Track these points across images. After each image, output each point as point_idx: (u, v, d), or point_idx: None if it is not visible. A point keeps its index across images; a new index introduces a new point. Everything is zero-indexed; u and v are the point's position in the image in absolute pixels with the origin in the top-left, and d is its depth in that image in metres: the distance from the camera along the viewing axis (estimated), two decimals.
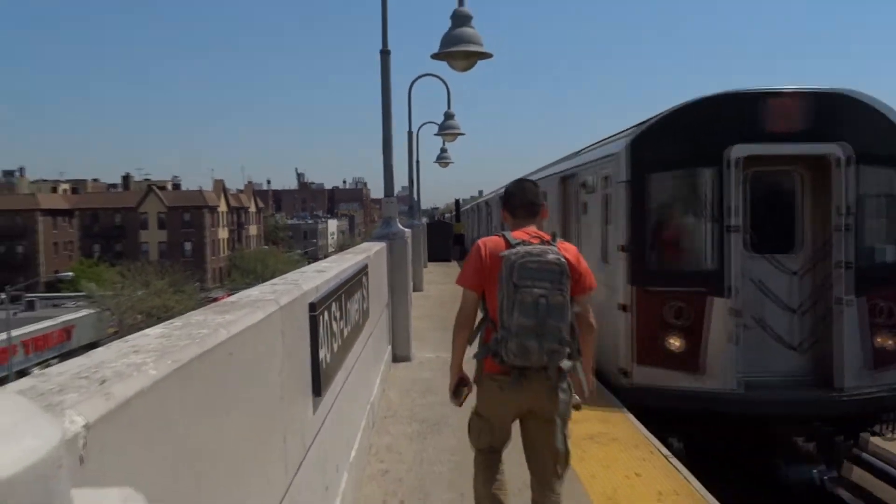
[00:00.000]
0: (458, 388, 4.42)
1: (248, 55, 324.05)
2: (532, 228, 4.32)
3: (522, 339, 3.95)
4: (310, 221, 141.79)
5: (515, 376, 4.06)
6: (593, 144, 12.54)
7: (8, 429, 0.74)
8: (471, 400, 4.42)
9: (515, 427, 4.44)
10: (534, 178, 16.92)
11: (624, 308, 8.92)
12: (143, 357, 1.89)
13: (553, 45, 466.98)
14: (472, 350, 4.37)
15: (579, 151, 13.64)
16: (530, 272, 3.97)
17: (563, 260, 4.02)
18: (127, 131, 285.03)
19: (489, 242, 4.31)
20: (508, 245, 4.12)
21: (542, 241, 4.18)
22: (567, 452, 4.25)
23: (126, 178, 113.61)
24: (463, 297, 4.34)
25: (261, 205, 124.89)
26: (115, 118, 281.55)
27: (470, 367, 4.42)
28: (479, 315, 4.34)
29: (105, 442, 1.46)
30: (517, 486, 4.96)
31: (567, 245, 4.32)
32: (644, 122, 9.51)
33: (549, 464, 4.23)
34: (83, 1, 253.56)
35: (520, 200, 4.47)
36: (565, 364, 4.08)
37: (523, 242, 4.13)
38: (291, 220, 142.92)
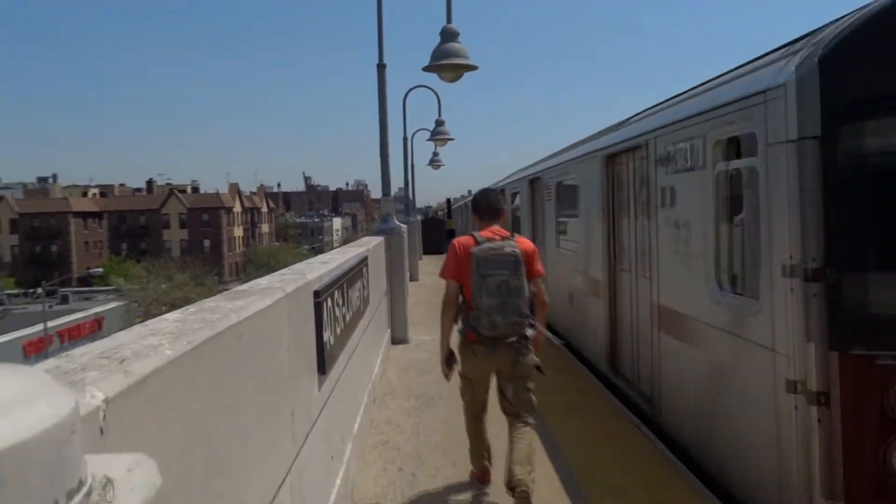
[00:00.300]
0: (449, 360, 4.96)
1: (259, 67, 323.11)
2: (496, 227, 4.89)
3: (491, 316, 4.52)
4: (316, 220, 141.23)
5: (490, 346, 4.64)
6: (662, 104, 7.03)
7: (24, 398, 0.73)
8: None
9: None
10: (555, 160, 11.82)
11: (815, 398, 3.94)
12: (159, 339, 1.88)
13: (535, 54, 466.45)
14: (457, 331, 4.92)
15: (627, 120, 8.18)
16: (493, 263, 4.56)
17: (517, 251, 4.60)
18: (149, 140, 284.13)
19: (462, 241, 4.84)
20: (477, 243, 4.68)
21: (503, 238, 4.73)
22: (532, 401, 4.76)
23: (149, 182, 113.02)
24: (446, 286, 4.88)
25: (272, 205, 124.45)
26: (139, 128, 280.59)
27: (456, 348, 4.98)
28: (459, 300, 4.84)
29: (124, 415, 1.45)
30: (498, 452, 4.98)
31: (522, 239, 4.84)
32: (826, 28, 4.30)
33: (517, 407, 4.71)
34: (110, 18, 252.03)
35: (485, 207, 5.02)
36: (528, 332, 4.68)
37: (488, 240, 4.69)
38: (300, 219, 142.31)
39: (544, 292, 4.90)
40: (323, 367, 3.92)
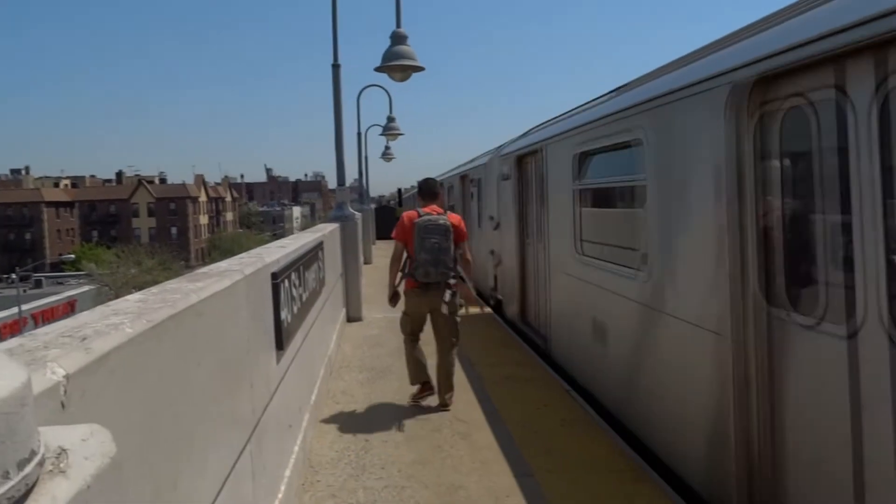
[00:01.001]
0: (393, 297, 6.18)
1: (224, 63, 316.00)
2: (434, 206, 6.11)
3: (426, 268, 5.82)
4: (277, 208, 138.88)
5: (423, 289, 5.92)
6: None
7: None
8: (401, 306, 6.22)
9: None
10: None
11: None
12: (121, 318, 1.82)
13: (476, 59, 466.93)
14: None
15: None
16: (429, 230, 5.84)
17: (447, 223, 5.89)
18: (119, 133, 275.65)
19: (409, 214, 6.07)
20: (420, 215, 5.95)
21: (438, 213, 5.99)
22: (457, 333, 6.12)
23: (119, 174, 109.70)
24: (394, 245, 6.11)
25: (235, 195, 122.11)
26: (109, 122, 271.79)
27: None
28: (404, 256, 6.07)
29: (85, 389, 1.41)
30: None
31: (453, 215, 6.08)
32: None
33: (447, 340, 6.08)
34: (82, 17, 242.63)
35: (427, 190, 6.23)
36: (451, 281, 5.89)
37: (427, 214, 5.96)
38: (262, 208, 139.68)
39: (468, 252, 6.17)
40: (281, 343, 3.87)
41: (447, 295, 5.86)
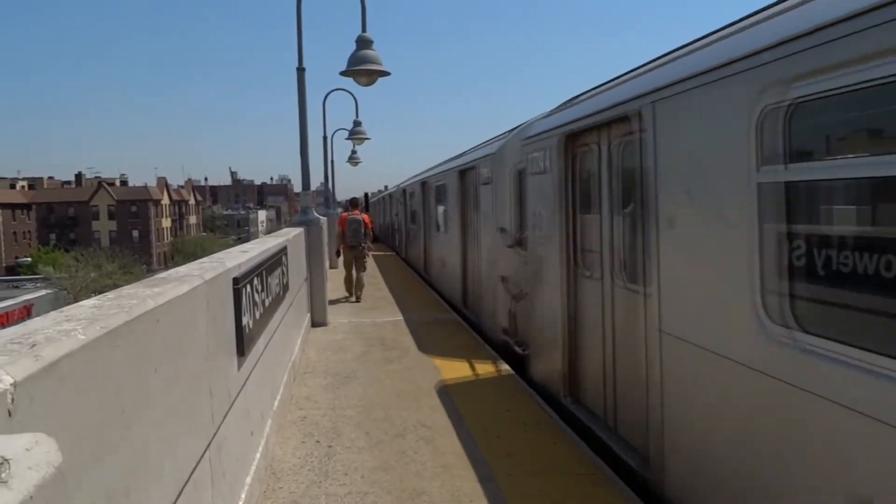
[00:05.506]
0: (337, 253, 13.56)
1: (187, 65, 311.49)
2: (356, 211, 13.36)
3: (351, 238, 13.03)
4: (242, 212, 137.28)
5: (351, 248, 13.07)
6: None
7: None
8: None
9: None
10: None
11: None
12: (74, 324, 1.79)
13: (441, 66, 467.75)
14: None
15: None
16: (353, 224, 13.10)
17: (360, 219, 13.14)
18: (79, 135, 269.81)
19: (344, 215, 13.36)
20: (348, 215, 13.20)
21: (357, 214, 13.23)
22: (365, 266, 13.27)
23: (78, 175, 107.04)
24: (339, 229, 13.36)
25: (199, 198, 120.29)
26: (69, 121, 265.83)
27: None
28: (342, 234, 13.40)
29: (34, 397, 1.38)
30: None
31: (364, 215, 13.30)
32: None
33: (360, 270, 13.17)
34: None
35: (353, 203, 13.67)
36: (364, 245, 13.10)
37: (353, 214, 13.19)
38: (226, 211, 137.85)
39: (370, 234, 13.15)
40: (242, 349, 3.83)
41: (365, 251, 13.04)
